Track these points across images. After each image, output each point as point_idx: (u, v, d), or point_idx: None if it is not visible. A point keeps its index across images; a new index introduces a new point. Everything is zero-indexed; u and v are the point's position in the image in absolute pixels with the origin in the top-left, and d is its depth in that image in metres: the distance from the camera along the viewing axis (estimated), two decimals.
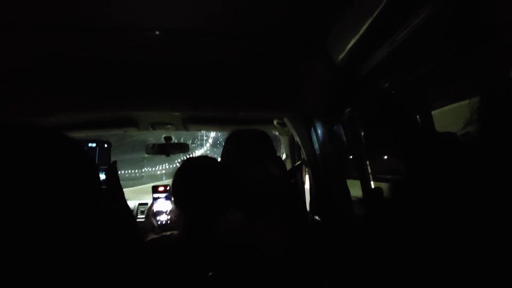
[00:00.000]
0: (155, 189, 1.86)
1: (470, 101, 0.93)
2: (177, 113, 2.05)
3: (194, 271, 0.95)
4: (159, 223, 1.70)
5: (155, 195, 1.84)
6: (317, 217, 1.86)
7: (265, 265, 0.98)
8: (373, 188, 1.57)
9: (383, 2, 0.89)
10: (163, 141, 2.46)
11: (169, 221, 1.73)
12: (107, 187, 1.12)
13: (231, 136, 1.40)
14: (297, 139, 1.97)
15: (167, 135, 2.46)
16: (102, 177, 1.11)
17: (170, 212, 1.75)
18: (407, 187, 0.92)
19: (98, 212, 0.67)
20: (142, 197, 2.97)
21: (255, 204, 1.14)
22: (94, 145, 1.20)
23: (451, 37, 0.92)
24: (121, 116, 2.07)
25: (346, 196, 1.71)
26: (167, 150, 2.45)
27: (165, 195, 1.85)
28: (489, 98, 0.79)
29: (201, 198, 1.05)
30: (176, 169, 1.15)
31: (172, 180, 1.14)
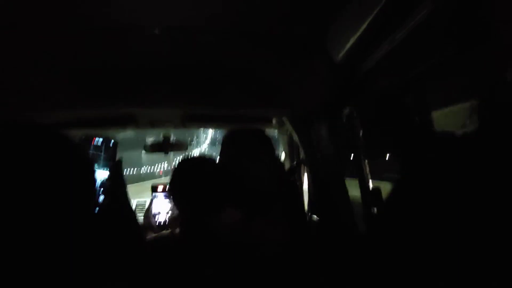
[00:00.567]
0: (154, 189, 1.87)
1: (469, 100, 0.93)
2: (176, 111, 2.04)
3: (193, 269, 0.96)
4: (157, 222, 1.70)
5: (154, 194, 1.85)
6: (315, 216, 1.87)
7: (264, 263, 0.98)
8: (371, 188, 1.57)
9: (383, 0, 0.89)
10: (161, 139, 2.46)
11: (167, 221, 1.73)
12: (110, 185, 1.12)
13: (229, 134, 1.39)
14: (296, 138, 1.97)
15: (166, 133, 2.46)
16: (107, 174, 1.11)
17: (169, 212, 1.76)
18: (406, 186, 0.92)
19: (92, 211, 0.66)
20: (141, 195, 2.97)
21: (254, 202, 1.14)
22: (100, 142, 1.19)
23: (450, 36, 0.92)
24: (120, 114, 2.06)
25: (344, 195, 1.71)
26: (165, 148, 2.45)
27: (164, 194, 1.85)
28: (488, 97, 0.79)
29: (198, 195, 1.06)
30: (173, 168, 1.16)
31: (169, 179, 1.14)
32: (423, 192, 0.87)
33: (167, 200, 1.84)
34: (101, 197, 1.15)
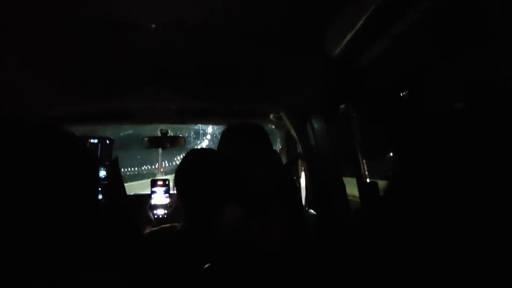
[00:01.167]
0: (153, 183, 1.86)
1: (466, 98, 0.93)
2: (173, 106, 2.04)
3: (192, 263, 0.96)
4: (156, 216, 1.71)
5: (154, 189, 1.85)
6: (312, 212, 1.87)
7: (264, 262, 0.98)
8: (368, 184, 1.58)
9: None
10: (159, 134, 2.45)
11: (166, 215, 1.74)
12: (108, 183, 1.15)
13: (227, 130, 1.39)
14: (293, 133, 1.97)
15: (163, 128, 2.45)
16: (103, 173, 1.14)
17: (168, 206, 1.76)
18: (404, 184, 0.92)
19: (94, 207, 0.67)
20: (142, 191, 2.97)
21: (254, 201, 1.14)
22: (96, 141, 1.21)
23: (448, 33, 0.92)
24: (116, 109, 2.06)
25: (341, 191, 1.72)
26: (162, 143, 2.44)
27: (163, 189, 1.85)
28: (485, 95, 0.79)
29: (204, 189, 1.05)
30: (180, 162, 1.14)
31: (175, 171, 1.14)
32: (420, 189, 0.88)
33: (166, 195, 1.84)
34: (99, 196, 1.16)
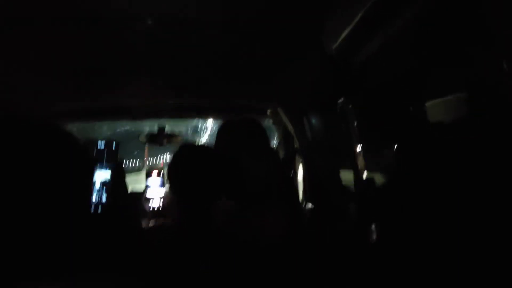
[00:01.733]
0: (148, 174, 1.84)
1: (464, 91, 0.93)
2: (170, 102, 2.04)
3: (189, 261, 0.96)
4: (151, 208, 1.70)
5: (149, 181, 1.83)
6: (310, 207, 1.88)
7: (261, 255, 0.98)
8: (365, 179, 1.58)
9: None
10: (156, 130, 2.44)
11: (160, 207, 1.73)
12: (112, 184, 1.18)
13: (224, 126, 1.38)
14: (290, 128, 1.97)
15: (161, 124, 2.44)
16: (108, 174, 1.17)
17: (163, 198, 1.75)
18: (401, 179, 0.93)
19: (88, 208, 0.67)
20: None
21: (250, 197, 1.14)
22: (103, 144, 1.22)
23: (446, 28, 0.92)
24: (113, 105, 2.05)
25: (339, 186, 1.73)
26: (160, 140, 2.43)
27: (159, 181, 1.83)
28: (483, 90, 0.80)
29: (195, 186, 1.05)
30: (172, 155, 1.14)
31: (168, 165, 1.13)
32: (417, 184, 0.88)
33: (162, 185, 1.82)
34: (104, 197, 1.17)
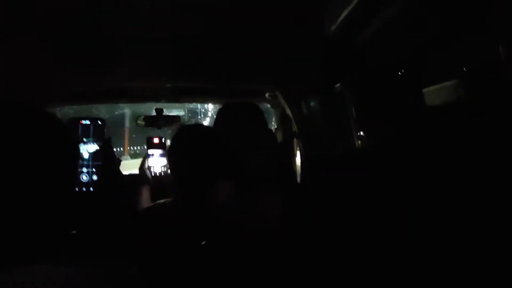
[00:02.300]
0: (149, 142, 1.78)
1: (462, 76, 0.93)
2: (168, 84, 2.02)
3: (188, 239, 0.97)
4: (153, 174, 1.67)
5: (150, 150, 1.77)
6: (307, 190, 1.89)
7: (257, 238, 1.00)
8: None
9: None
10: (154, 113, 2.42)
11: (163, 173, 1.69)
12: (101, 163, 1.19)
13: (223, 111, 1.37)
14: (288, 112, 1.97)
15: (159, 107, 2.42)
16: (96, 147, 1.20)
17: (165, 165, 1.71)
18: (398, 164, 0.93)
19: (72, 188, 0.67)
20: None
21: (248, 180, 1.14)
22: (88, 122, 1.22)
23: (446, 12, 0.92)
24: (112, 87, 2.04)
25: (336, 169, 1.74)
26: (158, 122, 2.40)
27: (160, 151, 1.77)
28: (480, 76, 0.80)
29: (195, 168, 1.05)
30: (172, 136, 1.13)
31: (168, 147, 1.13)
32: (415, 169, 0.89)
33: (163, 158, 1.77)
34: (94, 176, 1.18)
